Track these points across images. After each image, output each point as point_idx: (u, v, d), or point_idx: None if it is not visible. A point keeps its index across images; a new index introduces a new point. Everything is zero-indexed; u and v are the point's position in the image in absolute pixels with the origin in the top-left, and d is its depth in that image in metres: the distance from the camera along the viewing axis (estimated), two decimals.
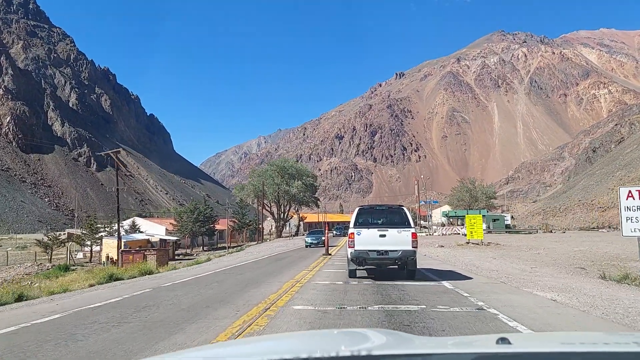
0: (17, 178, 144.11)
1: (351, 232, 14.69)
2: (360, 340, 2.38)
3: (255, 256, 31.93)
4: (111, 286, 15.70)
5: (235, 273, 18.79)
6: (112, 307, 10.38)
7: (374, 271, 16.52)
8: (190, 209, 72.87)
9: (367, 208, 16.78)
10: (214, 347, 3.06)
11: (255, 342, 3.12)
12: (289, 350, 1.86)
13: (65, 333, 7.62)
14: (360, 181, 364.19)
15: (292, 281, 14.80)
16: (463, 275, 16.40)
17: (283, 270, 19.16)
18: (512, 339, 1.82)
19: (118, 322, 8.45)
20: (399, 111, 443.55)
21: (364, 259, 14.50)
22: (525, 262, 22.21)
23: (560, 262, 21.46)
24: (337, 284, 13.91)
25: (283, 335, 4.74)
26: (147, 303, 10.80)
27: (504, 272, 17.42)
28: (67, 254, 51.65)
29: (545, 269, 18.59)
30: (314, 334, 3.64)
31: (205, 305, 10.36)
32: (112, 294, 12.90)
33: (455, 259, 24.12)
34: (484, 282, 14.54)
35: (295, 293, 11.95)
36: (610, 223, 74.84)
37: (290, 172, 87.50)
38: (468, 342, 2.24)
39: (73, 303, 11.41)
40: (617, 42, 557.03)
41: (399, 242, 14.20)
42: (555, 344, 1.98)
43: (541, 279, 14.82)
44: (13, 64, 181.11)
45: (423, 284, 13.73)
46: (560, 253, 27.76)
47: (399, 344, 2.15)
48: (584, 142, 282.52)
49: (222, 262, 28.08)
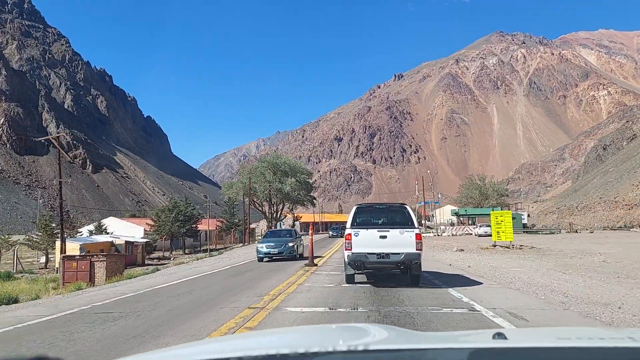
0: (11, 180, 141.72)
1: (348, 233, 13.34)
2: (358, 334, 2.38)
3: (222, 264, 25.85)
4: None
5: (160, 300, 12.43)
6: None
7: (373, 275, 15.04)
8: (169, 207, 65.72)
9: (366, 206, 15.30)
10: (211, 342, 3.05)
11: (253, 336, 3.21)
12: (288, 344, 1.87)
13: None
14: (360, 182, 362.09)
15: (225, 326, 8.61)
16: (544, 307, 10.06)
17: (228, 296, 12.66)
18: (508, 334, 1.82)
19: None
20: (398, 113, 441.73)
21: (362, 262, 13.18)
22: (606, 277, 15.62)
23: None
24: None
25: (282, 330, 4.49)
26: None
27: (603, 298, 11.16)
28: (14, 259, 45.70)
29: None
30: (313, 329, 3.62)
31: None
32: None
33: (495, 272, 17.65)
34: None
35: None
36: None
37: (283, 169, 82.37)
38: (464, 337, 2.24)
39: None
40: (617, 43, 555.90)
41: (401, 244, 12.91)
42: (551, 339, 1.99)
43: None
44: (7, 65, 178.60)
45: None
46: (634, 260, 21.70)
47: (397, 338, 2.14)
48: (585, 143, 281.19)
49: (176, 273, 21.98)
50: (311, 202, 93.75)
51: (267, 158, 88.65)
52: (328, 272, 18.08)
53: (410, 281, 13.65)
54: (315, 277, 16.43)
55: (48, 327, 9.23)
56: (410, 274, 13.63)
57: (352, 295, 11.99)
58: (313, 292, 12.85)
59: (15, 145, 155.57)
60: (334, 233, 69.78)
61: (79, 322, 9.57)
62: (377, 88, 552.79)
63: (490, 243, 35.17)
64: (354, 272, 13.97)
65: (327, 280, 15.31)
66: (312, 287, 13.70)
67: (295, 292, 12.79)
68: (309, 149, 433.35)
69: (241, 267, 23.41)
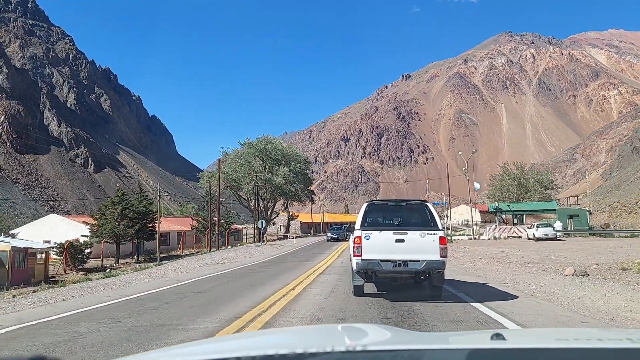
0: (10, 179, 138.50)
1: (357, 236, 11.17)
2: (357, 335, 2.37)
3: (135, 289, 16.65)
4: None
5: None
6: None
7: (384, 284, 12.64)
8: (114, 200, 49.89)
9: (379, 204, 13.07)
10: (209, 342, 3.05)
11: (252, 336, 3.30)
12: (286, 344, 1.84)
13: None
14: (367, 183, 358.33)
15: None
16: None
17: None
18: (506, 335, 1.80)
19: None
20: (405, 113, 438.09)
21: (374, 271, 11.16)
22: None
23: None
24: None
25: (281, 330, 4.36)
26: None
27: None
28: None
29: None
30: (312, 329, 3.58)
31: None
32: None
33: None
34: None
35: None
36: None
37: (274, 156, 69.76)
38: (463, 338, 2.21)
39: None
40: (626, 43, 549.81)
41: (422, 250, 10.87)
42: (549, 340, 1.97)
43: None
44: (8, 63, 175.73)
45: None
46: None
47: (395, 339, 2.13)
48: (597, 142, 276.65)
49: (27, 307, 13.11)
50: (310, 197, 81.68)
51: (255, 142, 72.97)
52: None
53: (431, 294, 11.68)
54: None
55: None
56: (431, 284, 11.63)
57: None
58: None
59: (15, 143, 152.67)
60: (334, 235, 55.34)
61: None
62: (385, 88, 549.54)
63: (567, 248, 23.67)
64: (363, 283, 11.78)
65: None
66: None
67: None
68: (316, 149, 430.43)
69: (166, 295, 14.53)
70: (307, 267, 22.58)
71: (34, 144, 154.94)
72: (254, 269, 23.77)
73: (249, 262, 28.67)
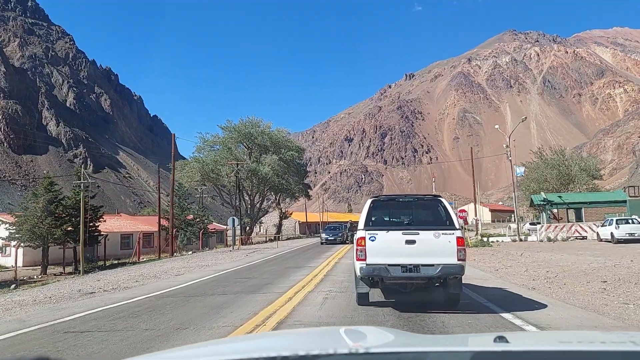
0: (6, 180, 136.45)
1: (361, 237, 9.77)
2: (360, 337, 2.36)
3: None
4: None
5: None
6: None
7: (392, 292, 11.27)
8: (35, 192, 40.92)
9: (386, 200, 11.52)
10: (211, 344, 3.05)
11: (254, 339, 3.35)
12: (288, 346, 1.83)
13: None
14: (371, 183, 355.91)
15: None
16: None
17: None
18: (509, 338, 1.79)
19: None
20: (409, 112, 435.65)
21: (381, 277, 9.76)
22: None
23: None
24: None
25: (283, 332, 4.30)
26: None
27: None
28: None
29: None
30: (315, 332, 3.55)
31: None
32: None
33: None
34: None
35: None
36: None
37: (260, 142, 60.39)
38: (466, 340, 2.21)
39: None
40: (632, 41, 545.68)
41: (436, 252, 9.50)
42: (552, 343, 1.97)
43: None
44: (6, 62, 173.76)
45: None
46: None
47: (398, 341, 2.12)
48: (604, 141, 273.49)
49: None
50: (305, 192, 71.03)
51: (238, 126, 61.43)
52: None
53: (446, 302, 10.36)
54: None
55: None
56: (447, 292, 10.27)
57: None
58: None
59: (12, 143, 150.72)
60: (329, 236, 44.69)
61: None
62: (388, 88, 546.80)
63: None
64: (368, 290, 10.47)
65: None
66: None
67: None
68: (319, 149, 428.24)
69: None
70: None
71: (31, 144, 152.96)
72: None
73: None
